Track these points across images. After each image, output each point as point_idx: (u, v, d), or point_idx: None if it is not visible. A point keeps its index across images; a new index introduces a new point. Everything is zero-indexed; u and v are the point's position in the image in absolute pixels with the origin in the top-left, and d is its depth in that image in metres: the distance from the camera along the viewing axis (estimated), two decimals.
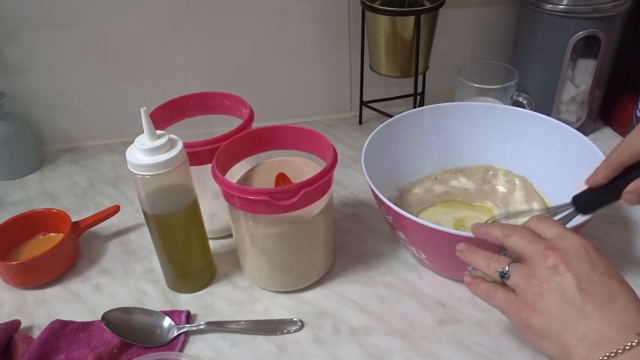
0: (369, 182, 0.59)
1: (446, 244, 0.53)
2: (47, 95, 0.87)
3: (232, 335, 0.57)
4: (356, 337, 0.56)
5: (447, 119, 0.72)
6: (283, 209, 0.53)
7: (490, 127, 0.71)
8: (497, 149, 0.72)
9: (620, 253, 0.64)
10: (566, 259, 0.41)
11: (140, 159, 0.51)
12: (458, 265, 0.53)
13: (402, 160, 0.72)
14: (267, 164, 0.64)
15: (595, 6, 0.72)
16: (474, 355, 0.54)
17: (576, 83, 0.80)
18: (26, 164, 0.86)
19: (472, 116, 0.72)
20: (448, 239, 0.52)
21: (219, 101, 0.69)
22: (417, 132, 0.72)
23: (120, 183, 0.82)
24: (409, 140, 0.71)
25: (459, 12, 0.88)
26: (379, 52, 0.81)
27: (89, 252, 0.69)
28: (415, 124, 0.71)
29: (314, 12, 0.85)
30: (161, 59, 0.86)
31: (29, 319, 0.60)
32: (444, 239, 0.53)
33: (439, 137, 0.73)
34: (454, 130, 0.73)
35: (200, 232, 0.60)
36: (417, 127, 0.71)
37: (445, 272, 0.62)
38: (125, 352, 0.55)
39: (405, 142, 0.71)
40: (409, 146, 0.72)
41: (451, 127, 0.72)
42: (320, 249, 0.60)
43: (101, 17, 0.81)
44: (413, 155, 0.72)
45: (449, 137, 0.73)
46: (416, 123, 0.71)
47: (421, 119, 0.71)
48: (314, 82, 0.92)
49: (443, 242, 0.54)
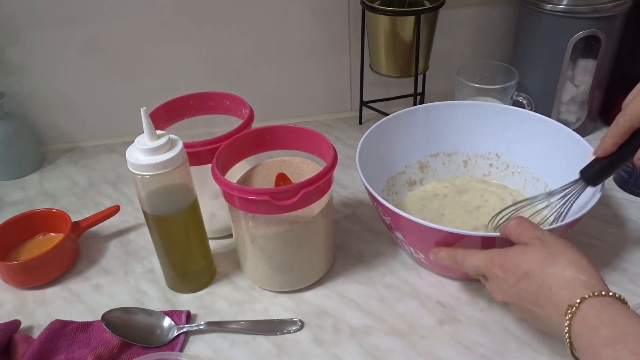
0: (365, 182, 0.59)
1: (441, 241, 0.54)
2: (47, 95, 0.87)
3: (232, 335, 0.57)
4: (356, 337, 0.56)
5: (440, 117, 0.72)
6: (283, 209, 0.53)
7: (490, 125, 0.72)
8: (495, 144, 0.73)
9: (619, 253, 0.64)
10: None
11: (140, 159, 0.51)
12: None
13: (395, 157, 0.72)
14: (267, 164, 0.64)
15: (595, 6, 0.72)
16: (474, 355, 0.54)
17: (576, 83, 0.80)
18: (26, 164, 0.86)
19: (472, 114, 0.72)
20: (444, 236, 0.53)
21: (219, 101, 0.69)
22: (411, 130, 0.72)
23: (120, 183, 0.82)
24: (402, 137, 0.71)
25: (459, 12, 0.88)
26: (379, 52, 0.81)
27: (89, 252, 0.69)
28: (409, 122, 0.71)
29: (314, 12, 0.85)
30: (161, 59, 0.86)
31: (29, 319, 0.60)
32: (440, 236, 0.53)
33: (433, 135, 0.73)
34: (447, 127, 0.73)
35: (200, 232, 0.60)
36: (411, 125, 0.71)
37: (443, 270, 0.62)
38: (125, 352, 0.55)
39: (399, 140, 0.71)
40: (403, 144, 0.72)
41: (444, 125, 0.72)
42: (320, 249, 0.60)
43: (101, 17, 0.81)
44: (406, 153, 0.73)
45: (441, 134, 0.73)
46: (410, 122, 0.71)
47: (415, 117, 0.71)
48: (314, 82, 0.92)
49: (439, 240, 0.54)
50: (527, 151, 0.70)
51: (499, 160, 0.73)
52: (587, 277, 0.42)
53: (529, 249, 0.46)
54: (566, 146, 0.65)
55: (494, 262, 0.48)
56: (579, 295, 0.40)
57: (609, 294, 0.40)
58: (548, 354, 0.53)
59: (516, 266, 0.46)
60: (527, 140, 0.70)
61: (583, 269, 0.43)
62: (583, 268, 0.43)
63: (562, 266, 0.43)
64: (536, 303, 0.44)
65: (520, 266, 0.45)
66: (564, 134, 0.65)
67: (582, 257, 0.44)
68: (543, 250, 0.45)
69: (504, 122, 0.70)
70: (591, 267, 0.43)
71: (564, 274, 0.42)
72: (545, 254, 0.45)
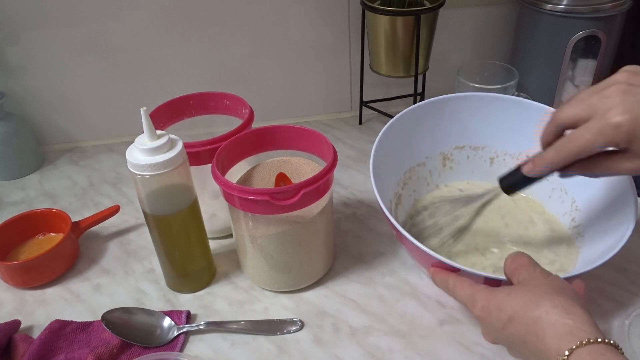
0: (383, 207, 0.55)
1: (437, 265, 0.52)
2: (47, 95, 0.87)
3: (232, 335, 0.57)
4: (356, 337, 0.56)
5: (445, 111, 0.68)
6: (283, 209, 0.53)
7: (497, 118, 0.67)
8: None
9: (619, 253, 0.64)
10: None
11: (140, 159, 0.51)
12: None
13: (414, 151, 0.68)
14: (267, 164, 0.64)
15: (595, 6, 0.72)
16: (474, 355, 0.54)
17: (576, 83, 0.80)
18: (26, 164, 0.86)
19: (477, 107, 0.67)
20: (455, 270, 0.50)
21: (219, 101, 0.69)
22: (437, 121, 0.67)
23: (120, 183, 0.82)
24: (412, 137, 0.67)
25: (459, 12, 0.88)
26: (379, 52, 0.81)
27: (89, 252, 0.69)
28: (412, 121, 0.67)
29: (314, 12, 0.85)
30: (161, 59, 0.86)
31: (29, 319, 0.60)
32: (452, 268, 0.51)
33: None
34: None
35: (200, 232, 0.60)
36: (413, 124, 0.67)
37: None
38: (125, 352, 0.55)
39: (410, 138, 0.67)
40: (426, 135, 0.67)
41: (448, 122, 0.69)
42: (320, 249, 0.60)
43: (101, 17, 0.81)
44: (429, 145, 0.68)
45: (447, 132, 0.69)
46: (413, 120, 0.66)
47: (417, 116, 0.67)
48: (314, 82, 0.92)
49: (435, 264, 0.52)
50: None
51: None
52: (574, 320, 0.39)
53: (514, 291, 0.43)
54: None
55: (476, 303, 0.45)
56: (566, 346, 0.37)
57: (598, 340, 0.37)
58: None
59: (500, 310, 0.43)
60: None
61: (569, 310, 0.39)
62: (569, 310, 0.39)
63: (546, 309, 0.40)
64: (526, 348, 0.41)
65: (504, 310, 0.43)
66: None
67: (569, 299, 0.41)
68: (527, 293, 0.42)
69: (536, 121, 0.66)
70: (579, 308, 0.40)
71: (549, 319, 0.39)
72: (529, 296, 0.42)
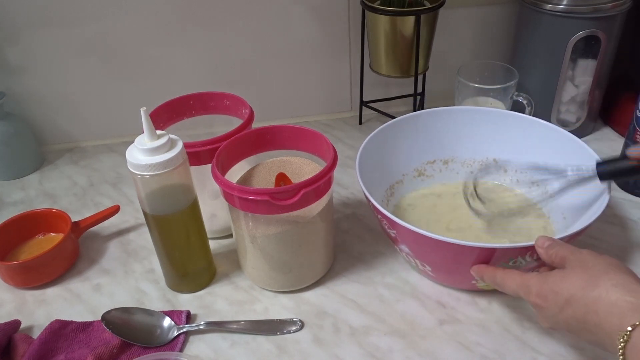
0: (371, 200, 0.57)
1: (449, 253, 0.53)
2: (47, 95, 0.87)
3: (232, 335, 0.57)
4: (356, 337, 0.56)
5: (442, 122, 0.71)
6: (283, 209, 0.53)
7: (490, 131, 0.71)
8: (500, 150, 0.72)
9: (620, 253, 0.64)
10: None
11: (140, 159, 0.51)
12: (462, 274, 0.54)
13: (396, 165, 0.71)
14: (267, 164, 0.64)
15: (595, 6, 0.72)
16: (474, 355, 0.54)
17: (576, 83, 0.80)
18: (26, 164, 0.86)
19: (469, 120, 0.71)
20: (452, 249, 0.51)
21: (219, 101, 0.69)
22: (412, 136, 0.71)
23: (120, 183, 0.82)
24: (403, 144, 0.70)
25: (459, 12, 0.88)
26: (379, 52, 0.81)
27: (89, 252, 0.69)
28: (410, 128, 0.70)
29: (314, 12, 0.85)
30: (161, 59, 0.86)
31: (29, 319, 0.60)
32: (447, 249, 0.52)
33: (434, 141, 0.72)
34: (448, 132, 0.72)
35: (200, 232, 0.60)
36: (412, 131, 0.70)
37: (452, 283, 0.61)
38: (125, 352, 0.55)
39: (400, 147, 0.70)
40: (403, 151, 0.71)
41: (446, 130, 0.72)
42: (320, 249, 0.60)
43: (101, 17, 0.81)
44: (407, 161, 0.72)
45: (444, 140, 0.72)
46: (412, 127, 0.70)
47: (416, 123, 0.70)
48: (314, 82, 0.92)
49: (447, 253, 0.53)
50: (527, 157, 0.68)
51: (497, 165, 0.72)
52: (636, 297, 0.39)
53: (568, 274, 0.43)
54: (566, 150, 0.64)
55: (531, 290, 0.45)
56: (629, 322, 0.38)
57: None
58: (548, 354, 0.53)
59: (556, 294, 0.43)
60: (526, 145, 0.68)
61: (629, 288, 0.40)
62: (629, 287, 0.40)
63: (606, 288, 0.40)
64: (586, 329, 0.41)
65: (561, 293, 0.43)
66: (563, 138, 0.65)
67: (627, 275, 0.41)
68: (583, 274, 0.42)
69: (502, 127, 0.69)
70: (638, 285, 0.40)
71: (609, 297, 0.40)
72: (585, 277, 0.42)
